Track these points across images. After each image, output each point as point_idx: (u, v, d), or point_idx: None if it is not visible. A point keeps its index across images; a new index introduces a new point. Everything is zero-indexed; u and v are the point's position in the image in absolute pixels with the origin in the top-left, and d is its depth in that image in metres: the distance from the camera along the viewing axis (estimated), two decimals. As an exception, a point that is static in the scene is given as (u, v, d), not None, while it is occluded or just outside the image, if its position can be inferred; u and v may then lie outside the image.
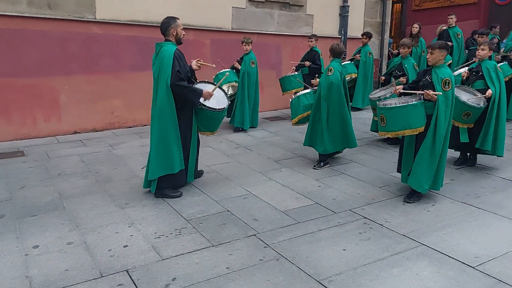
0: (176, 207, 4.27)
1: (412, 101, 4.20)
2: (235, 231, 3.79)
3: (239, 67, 7.50)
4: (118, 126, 7.65)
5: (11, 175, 5.16)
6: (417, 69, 6.67)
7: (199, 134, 4.79)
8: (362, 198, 4.59)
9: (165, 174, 4.37)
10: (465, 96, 5.17)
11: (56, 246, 3.46)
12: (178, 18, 4.44)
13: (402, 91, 4.54)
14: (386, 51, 11.34)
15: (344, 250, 3.49)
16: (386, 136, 4.58)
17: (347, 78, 8.76)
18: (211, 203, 4.39)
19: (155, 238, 3.63)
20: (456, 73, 6.89)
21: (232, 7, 8.78)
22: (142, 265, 3.20)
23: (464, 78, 5.53)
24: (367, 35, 9.08)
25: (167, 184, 4.46)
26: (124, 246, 3.48)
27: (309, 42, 8.44)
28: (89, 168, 5.48)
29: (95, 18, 7.31)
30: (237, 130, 7.53)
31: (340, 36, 10.42)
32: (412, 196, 4.52)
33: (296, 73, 8.22)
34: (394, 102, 4.32)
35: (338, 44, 5.49)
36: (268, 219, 4.04)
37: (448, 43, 9.39)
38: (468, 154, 5.77)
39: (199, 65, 4.61)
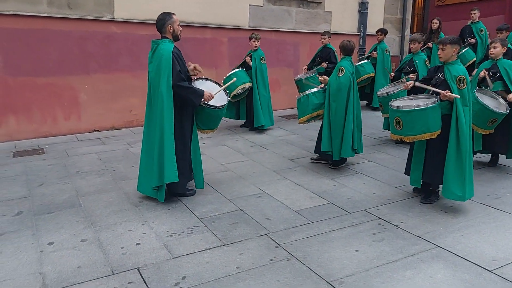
0: (189, 206, 4.29)
1: (430, 103, 3.95)
2: (247, 230, 3.77)
3: (251, 62, 7.25)
4: (136, 125, 7.73)
5: (31, 173, 5.27)
6: (428, 65, 6.44)
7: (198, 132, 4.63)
8: (378, 198, 4.51)
9: (167, 182, 4.16)
10: (488, 101, 4.87)
11: (71, 243, 3.52)
12: (174, 14, 4.27)
13: (418, 84, 4.32)
14: (407, 48, 11.12)
15: (356, 251, 3.43)
16: (400, 139, 4.32)
17: (365, 78, 8.64)
18: (224, 202, 4.39)
19: (167, 236, 3.65)
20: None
21: (250, 5, 8.75)
22: (153, 263, 3.22)
23: (480, 79, 5.21)
24: (382, 32, 8.87)
25: (178, 188, 4.38)
26: (136, 244, 3.51)
27: (322, 39, 8.11)
28: (106, 166, 5.55)
29: (114, 18, 7.40)
30: (256, 129, 7.39)
31: (359, 33, 10.27)
32: (429, 197, 4.40)
33: (309, 73, 7.86)
34: (408, 104, 4.06)
35: (349, 41, 5.28)
36: (280, 219, 4.01)
37: (472, 39, 9.17)
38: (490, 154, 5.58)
39: (196, 73, 4.42)
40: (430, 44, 9.23)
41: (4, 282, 2.96)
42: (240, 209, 4.22)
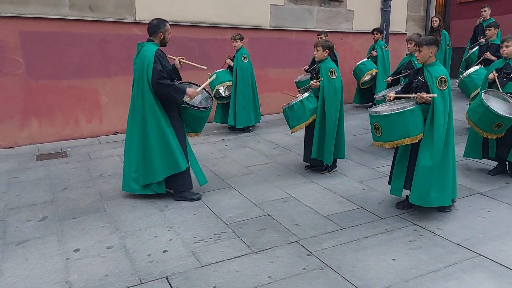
0: (215, 210, 4.18)
1: (408, 106, 3.72)
2: (275, 236, 3.64)
3: (230, 63, 7.20)
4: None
5: (54, 176, 5.24)
6: None
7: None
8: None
9: (172, 173, 4.26)
10: (495, 103, 4.54)
11: (96, 250, 3.44)
12: (167, 22, 4.29)
13: (392, 96, 4.04)
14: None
15: (393, 259, 3.26)
16: (382, 146, 4.01)
17: (367, 77, 8.33)
18: (250, 206, 4.26)
19: (194, 243, 3.55)
20: (470, 70, 6.10)
21: (270, 4, 8.62)
22: (181, 272, 3.11)
23: (491, 81, 4.81)
24: (378, 31, 8.56)
25: (182, 186, 4.38)
26: (163, 251, 3.41)
27: (319, 39, 7.61)
28: (129, 169, 5.48)
29: (135, 20, 7.36)
30: (231, 128, 7.35)
31: (384, 30, 10.03)
32: (409, 208, 4.11)
33: (306, 76, 7.68)
34: (387, 109, 3.82)
35: (328, 40, 5.15)
36: (310, 224, 3.86)
37: (482, 39, 8.72)
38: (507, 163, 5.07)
39: (182, 63, 4.43)
40: None
41: (31, 291, 2.90)
42: (267, 214, 4.09)
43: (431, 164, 3.75)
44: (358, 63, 8.39)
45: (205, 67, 4.59)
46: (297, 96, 5.12)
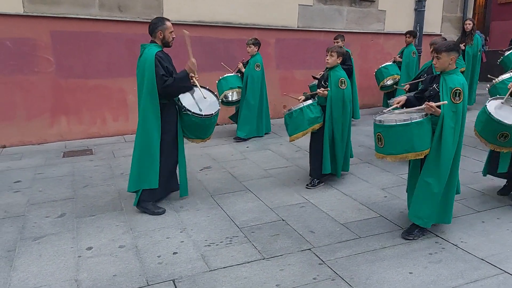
0: (229, 213, 4.12)
1: (416, 118, 3.36)
2: (288, 243, 3.54)
3: (242, 69, 6.91)
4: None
5: (78, 173, 5.34)
6: None
7: (189, 142, 4.41)
8: (434, 213, 4.11)
9: (144, 188, 4.04)
10: (505, 112, 4.03)
11: (108, 249, 3.45)
12: (168, 20, 4.11)
13: (402, 100, 3.70)
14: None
15: (410, 273, 3.10)
16: (384, 159, 3.66)
17: (389, 82, 7.92)
18: (265, 211, 4.18)
19: (205, 246, 3.50)
20: (505, 76, 5.14)
21: (299, 4, 8.49)
22: (189, 276, 3.07)
23: (510, 86, 4.24)
24: (411, 34, 8.09)
25: (149, 197, 4.11)
26: (173, 253, 3.38)
27: (335, 43, 7.33)
28: (150, 169, 5.51)
29: (162, 20, 7.41)
30: (236, 139, 6.92)
31: (417, 34, 9.70)
32: (413, 231, 3.64)
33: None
34: (392, 119, 3.48)
35: (341, 46, 4.76)
36: (325, 232, 3.74)
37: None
38: None
39: (192, 82, 4.17)
40: (462, 46, 8.30)
41: (40, 288, 2.93)
42: (282, 219, 3.99)
43: (437, 190, 3.44)
44: (381, 66, 8.10)
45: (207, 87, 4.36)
46: (299, 98, 4.84)
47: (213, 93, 4.40)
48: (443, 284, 2.96)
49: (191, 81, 4.16)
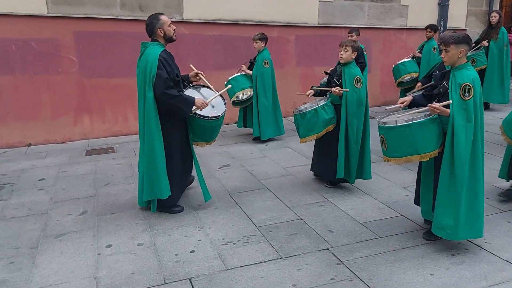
0: (247, 212, 4.11)
1: (418, 118, 3.17)
2: (306, 242, 3.50)
3: (248, 71, 6.56)
4: (202, 124, 7.75)
5: (100, 172, 5.43)
6: None
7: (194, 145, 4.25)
8: (457, 213, 4.00)
9: (153, 198, 3.97)
10: None
11: (127, 247, 3.49)
12: (162, 14, 3.92)
13: (407, 100, 3.49)
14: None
15: (431, 274, 3.02)
16: (389, 162, 3.47)
17: (407, 78, 7.49)
18: (283, 209, 4.15)
19: (223, 244, 3.50)
20: None
21: (319, 1, 8.40)
22: (205, 274, 3.08)
23: None
24: (431, 28, 7.68)
25: (166, 204, 4.07)
26: (190, 252, 3.40)
27: (350, 37, 7.13)
28: (170, 167, 5.57)
29: (183, 18, 7.46)
30: (255, 139, 6.73)
31: (438, 28, 9.47)
32: (432, 234, 3.45)
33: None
34: (394, 120, 3.28)
35: (355, 41, 4.44)
36: (344, 232, 3.69)
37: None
38: None
39: (198, 78, 4.13)
40: (485, 43, 7.95)
41: (61, 285, 2.98)
42: (300, 218, 3.95)
43: (455, 193, 3.17)
44: (398, 62, 7.72)
45: (211, 86, 4.23)
46: (308, 93, 4.55)
47: (216, 91, 4.21)
48: (465, 286, 2.88)
49: (198, 78, 4.07)
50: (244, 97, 6.50)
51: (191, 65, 4.27)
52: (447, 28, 9.37)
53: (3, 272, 3.15)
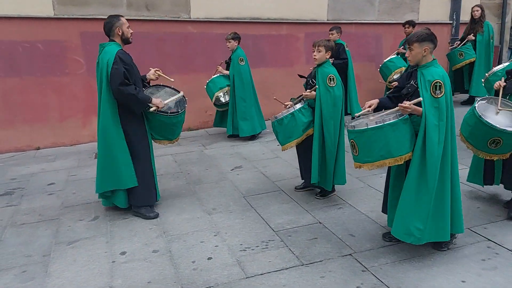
0: (264, 216, 3.98)
1: (390, 119, 2.99)
2: (328, 248, 3.36)
3: (225, 71, 6.66)
4: (211, 125, 7.61)
5: (109, 175, 5.31)
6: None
7: (156, 143, 4.23)
8: (484, 214, 3.85)
9: (112, 189, 3.95)
10: (493, 114, 3.57)
11: (142, 254, 3.37)
12: (122, 16, 3.96)
13: (374, 103, 3.30)
14: (507, 37, 9.84)
15: (463, 281, 2.87)
16: (361, 168, 3.20)
17: (396, 76, 7.23)
18: (301, 213, 4.01)
19: (240, 250, 3.37)
20: (496, 68, 4.67)
21: (329, -4, 8.24)
22: (225, 283, 2.95)
23: (497, 87, 3.82)
24: (410, 24, 7.52)
25: (141, 202, 4.02)
26: (208, 259, 3.27)
27: (330, 36, 7.07)
28: (181, 169, 5.45)
29: (190, 18, 7.33)
30: (232, 136, 6.77)
31: (451, 22, 9.28)
32: (443, 244, 3.27)
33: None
34: (364, 122, 3.09)
35: (328, 40, 4.25)
36: (366, 236, 3.54)
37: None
38: None
39: (157, 75, 4.14)
40: (471, 37, 7.90)
41: (75, 295, 2.87)
42: (319, 222, 3.81)
43: (427, 198, 3.01)
44: (385, 60, 7.49)
45: (172, 80, 4.25)
46: (286, 104, 4.27)
47: (178, 91, 4.22)
48: (500, 294, 2.73)
49: (157, 75, 4.15)
50: (227, 99, 6.60)
51: (150, 69, 4.22)
52: (460, 22, 9.18)
53: (16, 282, 3.04)
